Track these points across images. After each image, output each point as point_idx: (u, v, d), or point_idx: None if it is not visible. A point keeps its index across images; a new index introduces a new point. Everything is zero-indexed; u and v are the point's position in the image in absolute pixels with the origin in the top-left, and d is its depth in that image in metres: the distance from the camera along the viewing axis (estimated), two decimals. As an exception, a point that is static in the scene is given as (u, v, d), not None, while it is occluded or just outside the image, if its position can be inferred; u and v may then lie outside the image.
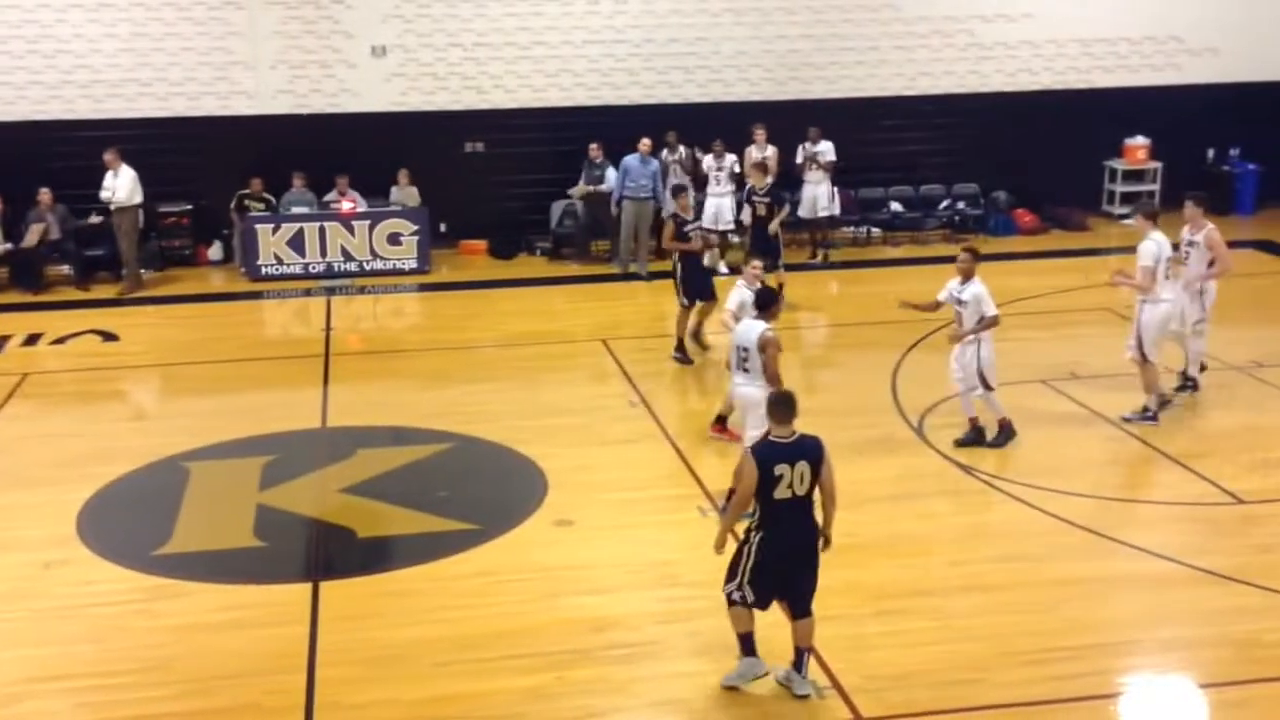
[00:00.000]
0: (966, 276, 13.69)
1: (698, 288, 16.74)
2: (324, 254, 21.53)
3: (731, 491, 10.48)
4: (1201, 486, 12.88)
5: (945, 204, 24.08)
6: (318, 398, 15.88)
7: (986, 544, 11.71)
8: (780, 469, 8.97)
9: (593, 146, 21.96)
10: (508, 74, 22.96)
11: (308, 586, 11.17)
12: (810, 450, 9.13)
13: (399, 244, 21.72)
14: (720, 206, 21.01)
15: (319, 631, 10.38)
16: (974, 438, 13.85)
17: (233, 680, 9.75)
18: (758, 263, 14.18)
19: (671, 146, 21.69)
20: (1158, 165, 24.88)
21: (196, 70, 22.18)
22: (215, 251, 22.68)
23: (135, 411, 16.46)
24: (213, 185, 22.14)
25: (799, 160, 21.87)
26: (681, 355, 16.66)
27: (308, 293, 20.96)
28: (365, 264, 21.65)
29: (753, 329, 12.35)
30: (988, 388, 13.74)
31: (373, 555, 11.84)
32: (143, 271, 21.60)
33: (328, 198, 22.07)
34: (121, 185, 20.60)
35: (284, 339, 19.52)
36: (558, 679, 9.68)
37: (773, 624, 9.62)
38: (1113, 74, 24.68)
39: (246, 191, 21.88)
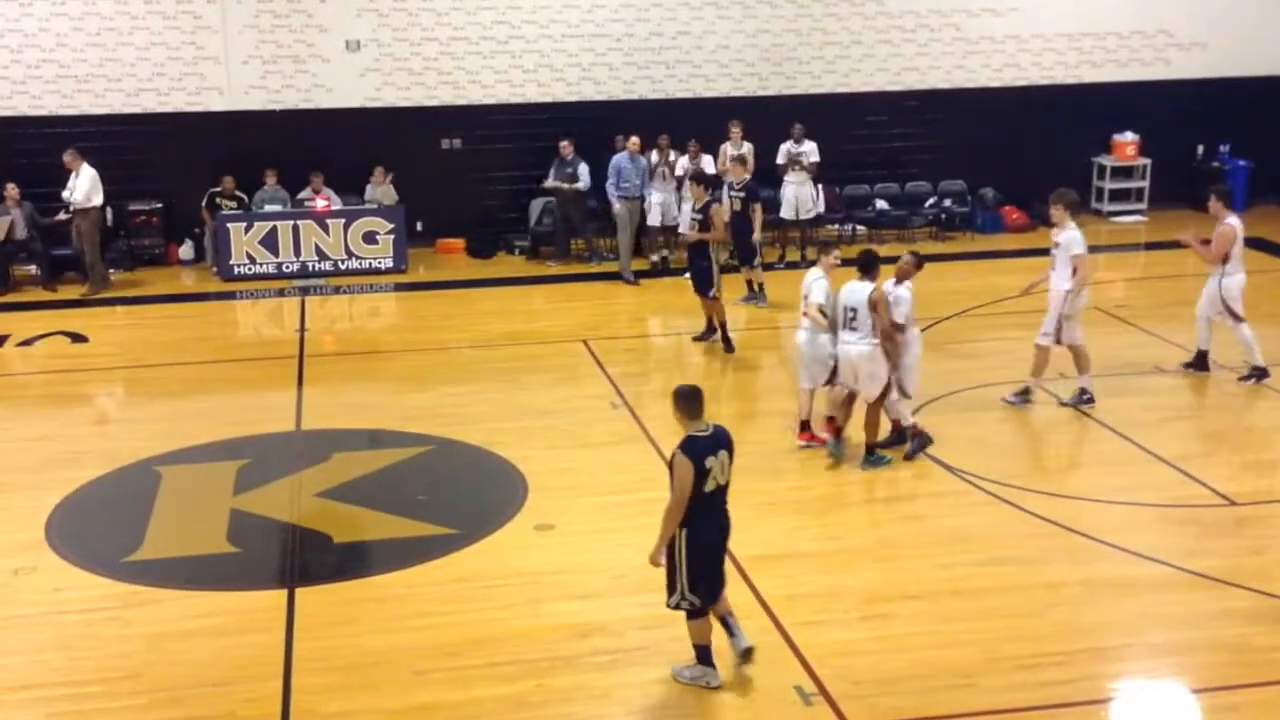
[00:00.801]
0: (902, 277, 13.68)
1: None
2: (298, 253, 21.49)
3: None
4: (1193, 488, 12.93)
5: (931, 201, 24.13)
6: (292, 400, 15.85)
7: (975, 547, 11.74)
8: (710, 462, 9.23)
9: (563, 144, 21.85)
10: (485, 69, 22.96)
11: (283, 593, 11.14)
12: (725, 440, 9.40)
13: (375, 243, 21.70)
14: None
15: (295, 639, 10.35)
16: (894, 440, 13.83)
17: (206, 689, 9.72)
18: (836, 252, 14.24)
19: (663, 150, 21.49)
20: (1147, 162, 24.99)
21: (166, 65, 22.13)
22: (186, 251, 22.62)
23: (105, 414, 16.41)
24: (184, 183, 22.08)
25: (780, 160, 21.84)
26: (728, 343, 17.15)
27: (281, 293, 20.93)
28: (340, 263, 21.62)
29: (861, 290, 13.09)
30: (903, 394, 13.69)
31: (349, 561, 11.83)
32: (111, 271, 21.54)
33: (301, 195, 22.03)
34: (80, 186, 20.45)
35: (257, 340, 19.48)
36: (539, 687, 9.67)
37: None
38: (1101, 69, 24.77)
39: (218, 189, 21.83)
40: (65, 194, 20.54)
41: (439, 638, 10.32)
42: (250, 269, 21.46)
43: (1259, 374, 15.61)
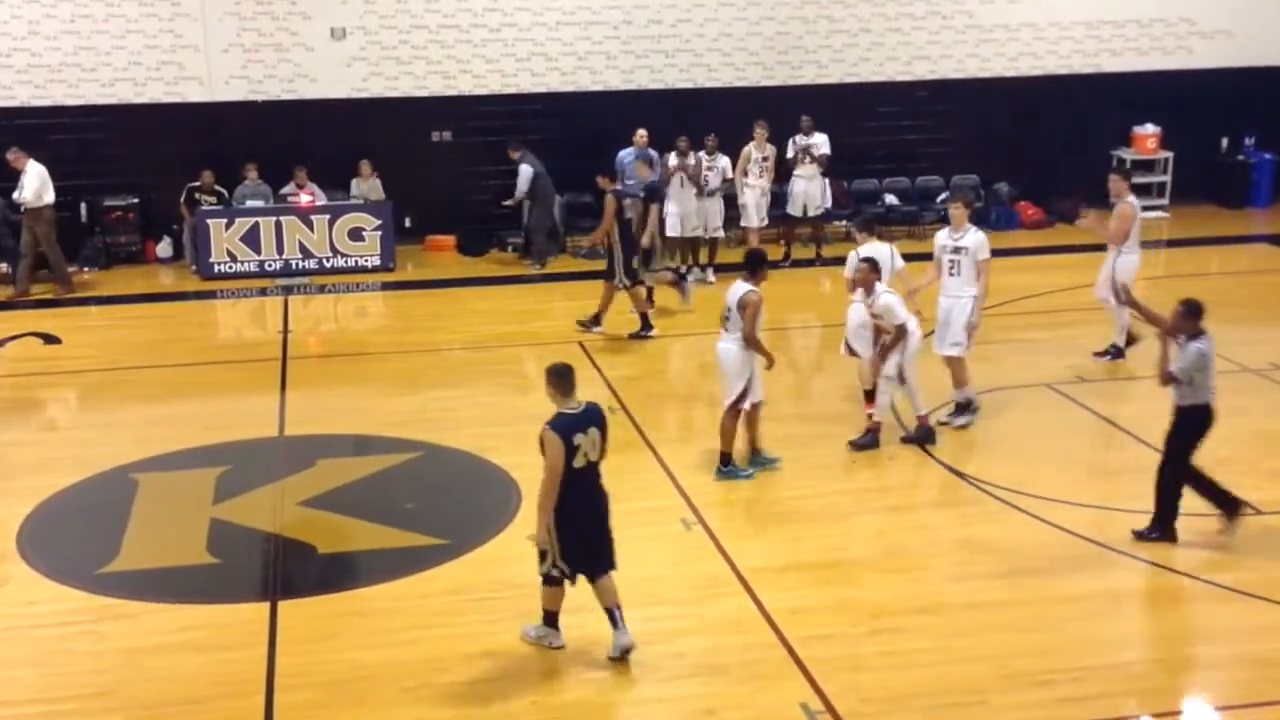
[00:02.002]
0: (863, 285, 13.88)
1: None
2: (280, 251, 21.51)
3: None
4: (1217, 496, 12.94)
5: (943, 197, 24.11)
6: (275, 404, 15.87)
7: (988, 558, 11.75)
8: (578, 439, 9.80)
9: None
10: (476, 58, 22.99)
11: (265, 606, 11.15)
12: (597, 417, 9.99)
13: (361, 240, 21.72)
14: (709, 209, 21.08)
15: (277, 654, 10.36)
16: (924, 435, 14.15)
17: (185, 707, 9.73)
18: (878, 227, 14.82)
19: (682, 152, 20.85)
20: (1168, 155, 25.03)
21: (143, 54, 22.15)
22: (164, 248, 22.65)
23: (79, 419, 16.42)
24: (161, 177, 22.11)
25: (790, 154, 21.84)
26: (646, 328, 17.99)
27: (263, 292, 20.95)
28: (325, 261, 21.65)
29: (739, 289, 13.13)
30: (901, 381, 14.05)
31: (335, 572, 11.84)
32: (86, 270, 21.57)
33: (284, 190, 22.06)
34: (29, 185, 20.32)
35: (238, 341, 19.49)
36: (534, 704, 9.69)
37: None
38: (1120, 58, 24.80)
39: (197, 184, 21.85)
40: (15, 194, 20.47)
41: (428, 653, 10.33)
42: (231, 267, 21.48)
43: (1116, 353, 16.52)
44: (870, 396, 14.29)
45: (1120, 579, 11.40)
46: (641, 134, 20.93)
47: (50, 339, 18.58)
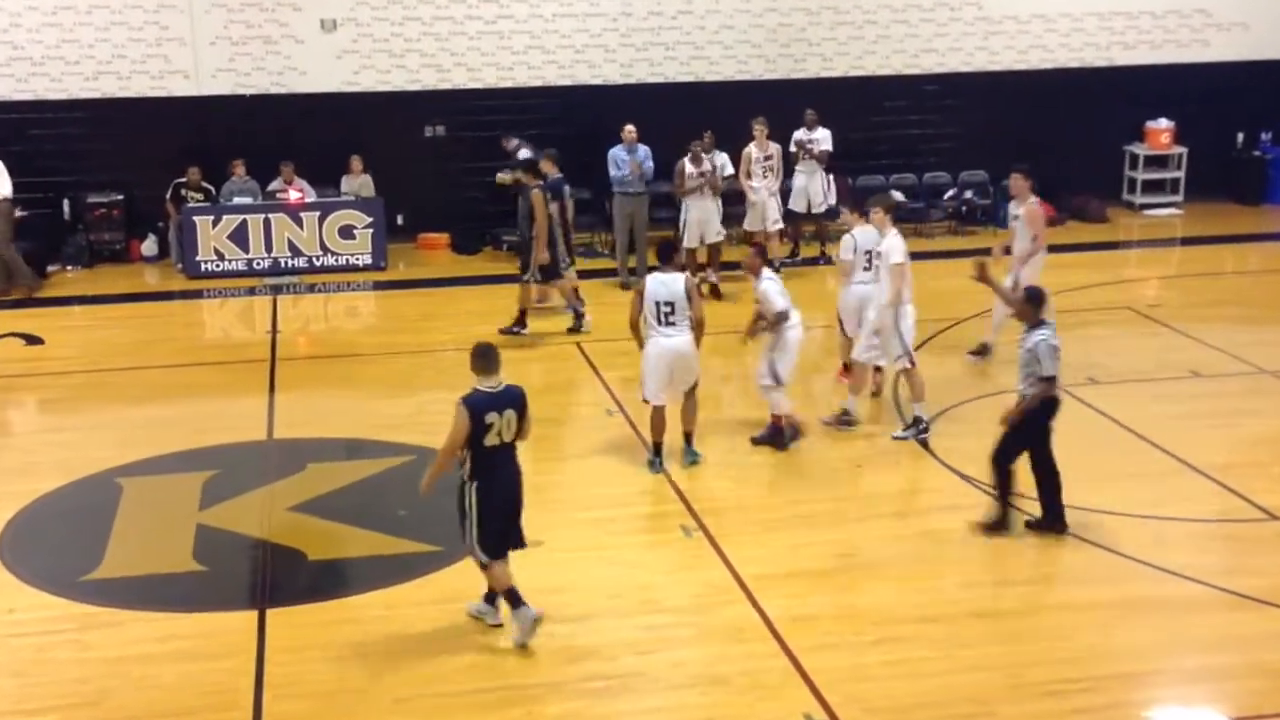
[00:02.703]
0: (752, 270, 14.26)
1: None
2: (269, 249, 21.52)
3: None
4: (1232, 501, 12.98)
5: (951, 193, 24.16)
6: (263, 407, 15.87)
7: (997, 565, 11.77)
8: (490, 417, 10.22)
9: (512, 141, 21.68)
10: (471, 51, 23.00)
11: (253, 614, 11.16)
12: (515, 398, 10.44)
13: (352, 238, 21.73)
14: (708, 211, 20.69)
15: (266, 664, 10.37)
16: (771, 435, 14.32)
17: (171, 718, 9.73)
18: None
19: (702, 152, 20.19)
20: (1183, 150, 25.02)
21: (128, 47, 22.15)
22: (149, 246, 22.64)
23: (62, 422, 16.39)
24: (146, 174, 22.09)
25: (791, 149, 21.79)
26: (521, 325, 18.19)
27: (251, 291, 20.94)
28: (315, 260, 21.65)
29: (674, 281, 13.52)
30: (777, 381, 14.16)
31: (325, 580, 11.85)
32: (69, 269, 21.59)
33: (272, 187, 22.07)
34: None
35: (226, 342, 19.50)
36: (528, 715, 9.69)
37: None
38: (1134, 51, 24.81)
39: (183, 180, 21.84)
40: None
41: (421, 663, 10.34)
42: (218, 266, 21.48)
43: (984, 351, 16.73)
44: (847, 369, 15.39)
45: (1132, 586, 11.41)
46: (629, 129, 20.80)
47: (32, 339, 18.59)
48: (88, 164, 22.02)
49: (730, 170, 20.85)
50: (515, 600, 10.46)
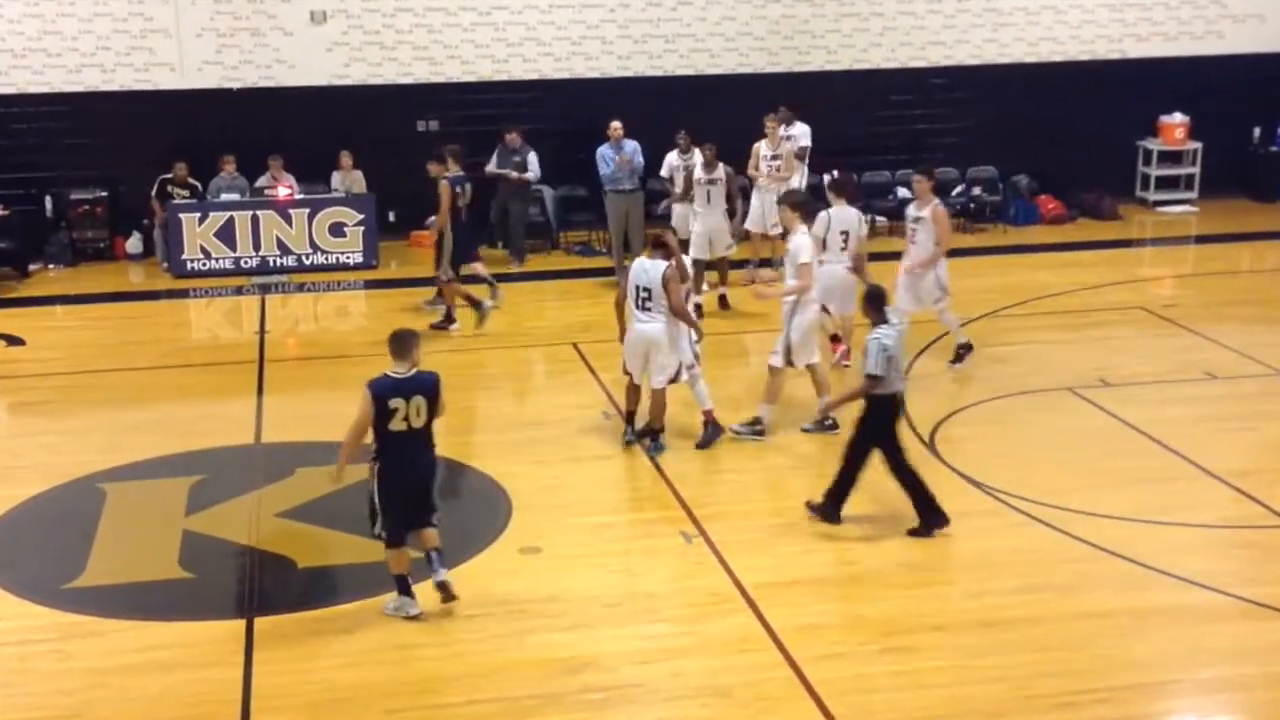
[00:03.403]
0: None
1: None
2: (257, 247, 21.50)
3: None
4: (1251, 507, 12.97)
5: (959, 190, 24.15)
6: (251, 410, 15.86)
7: (1007, 572, 11.75)
8: (395, 402, 10.64)
9: (510, 135, 21.67)
10: (465, 43, 22.99)
11: (241, 623, 11.15)
12: (426, 385, 10.84)
13: (342, 235, 21.72)
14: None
15: (254, 674, 10.36)
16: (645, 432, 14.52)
17: (156, 730, 9.75)
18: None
19: (683, 148, 20.13)
20: (1197, 145, 25.03)
21: (112, 39, 22.14)
22: (134, 244, 22.63)
23: (44, 425, 16.36)
24: (131, 169, 22.10)
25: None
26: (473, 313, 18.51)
27: (239, 291, 20.93)
28: (304, 258, 21.64)
29: (654, 268, 13.91)
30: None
31: (314, 587, 11.84)
32: (51, 268, 21.58)
33: (260, 183, 22.05)
34: None
35: (213, 343, 19.49)
36: (525, 727, 9.70)
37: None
38: (1147, 43, 24.81)
39: (169, 176, 21.83)
40: None
41: (413, 672, 10.34)
42: (205, 264, 21.47)
43: (966, 351, 16.60)
44: (836, 340, 16.32)
45: (1147, 594, 11.40)
46: (615, 126, 20.66)
47: (13, 340, 18.58)
48: (71, 159, 22.00)
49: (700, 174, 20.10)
50: (404, 588, 11.03)
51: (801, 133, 21.11)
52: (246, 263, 21.53)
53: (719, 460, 13.97)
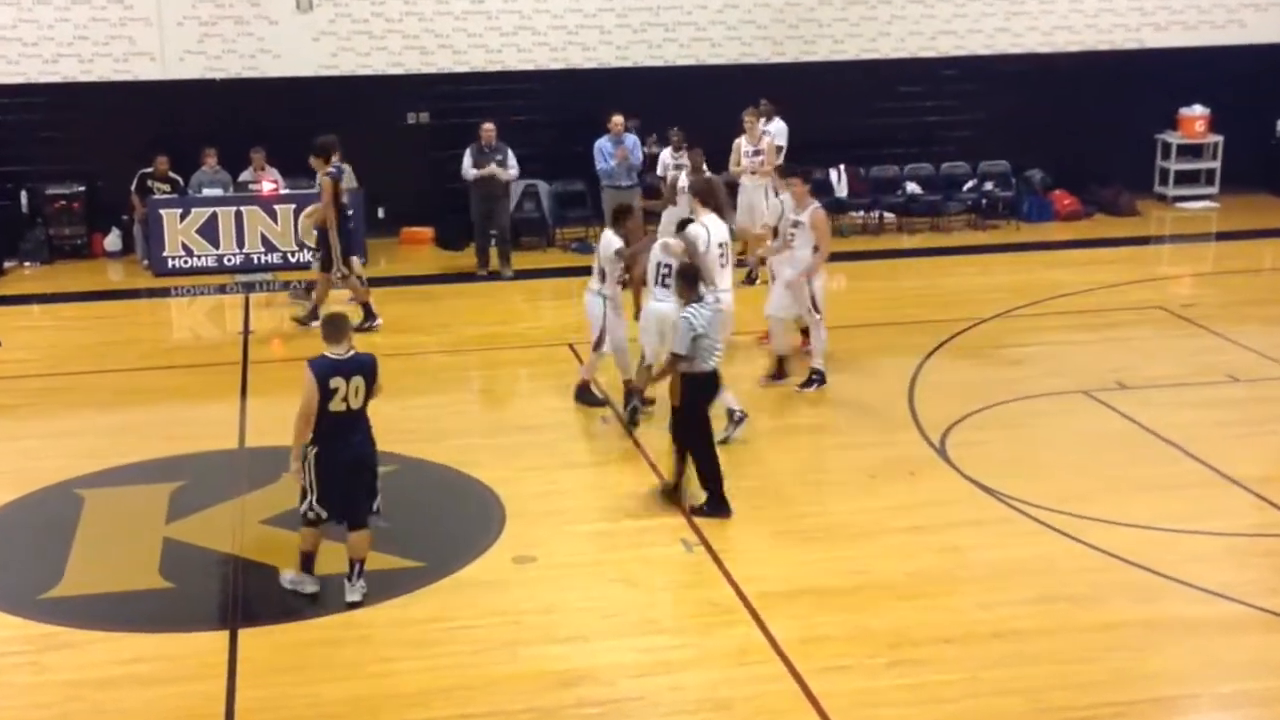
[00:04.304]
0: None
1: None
2: (241, 244, 21.52)
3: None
4: (1272, 515, 12.99)
5: (970, 185, 24.18)
6: (235, 413, 15.87)
7: (1020, 583, 11.76)
8: (336, 382, 11.02)
9: (486, 127, 21.35)
10: (457, 32, 23.01)
11: (224, 635, 11.15)
12: (364, 366, 11.26)
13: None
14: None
15: (237, 688, 10.36)
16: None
17: (135, 746, 9.76)
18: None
19: (676, 146, 20.26)
20: (1218, 139, 25.06)
21: (90, 28, 22.15)
22: (113, 241, 22.66)
23: (19, 430, 16.36)
24: (110, 163, 22.13)
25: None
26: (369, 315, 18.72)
27: (222, 289, 20.95)
28: (290, 256, 21.66)
29: (676, 245, 14.62)
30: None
31: (300, 598, 11.82)
32: (27, 266, 21.59)
33: (244, 177, 22.05)
34: None
35: (195, 344, 19.51)
36: (518, 742, 9.72)
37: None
38: (1166, 32, 24.83)
39: (149, 170, 21.86)
40: None
41: (403, 686, 10.34)
42: (186, 262, 21.49)
43: (820, 379, 16.09)
44: (805, 335, 16.53)
45: (1165, 605, 11.41)
46: (616, 120, 20.69)
47: (-13, 341, 18.63)
48: (47, 153, 22.03)
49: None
50: (307, 566, 11.57)
51: (778, 131, 21.10)
52: (229, 260, 21.55)
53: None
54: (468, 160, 21.35)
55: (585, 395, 15.75)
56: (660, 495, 13.21)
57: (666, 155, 20.26)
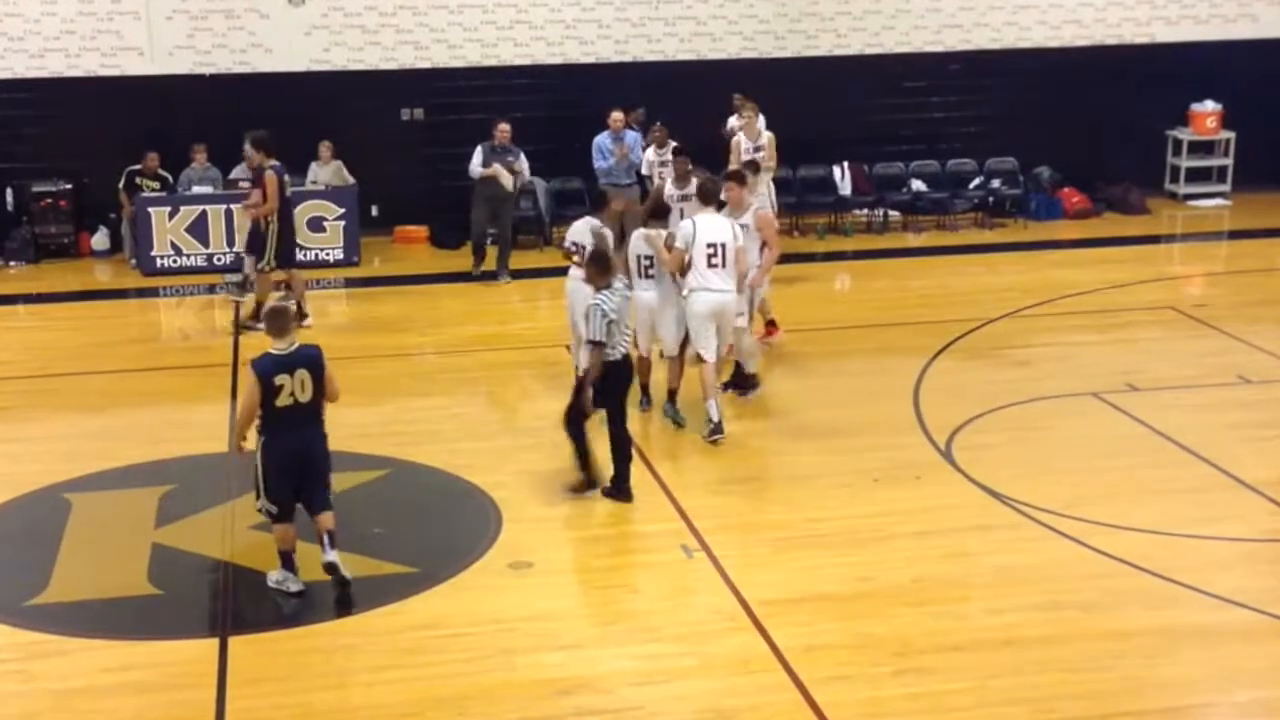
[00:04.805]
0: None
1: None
2: (231, 243, 21.48)
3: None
4: (1285, 519, 12.98)
5: (977, 182, 24.18)
6: (224, 415, 15.82)
7: (1028, 589, 11.75)
8: (281, 379, 11.33)
9: (502, 127, 21.04)
10: (452, 26, 23.00)
11: (214, 642, 11.15)
12: (309, 358, 11.54)
13: (322, 230, 21.72)
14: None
15: (227, 696, 10.35)
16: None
17: (123, 756, 9.76)
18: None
19: (659, 143, 20.16)
20: (1230, 135, 25.05)
21: (77, 21, 22.14)
22: (100, 240, 22.64)
23: (5, 433, 16.35)
24: (97, 160, 22.10)
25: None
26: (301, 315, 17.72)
27: (212, 289, 20.94)
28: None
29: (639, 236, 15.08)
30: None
31: (292, 604, 11.82)
32: (12, 265, 21.58)
33: (235, 175, 22.02)
34: None
35: (184, 345, 19.47)
36: (515, 753, 9.71)
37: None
38: (1176, 27, 24.82)
39: (138, 168, 21.84)
40: None
41: (396, 695, 10.32)
42: (175, 261, 21.48)
43: (752, 384, 15.97)
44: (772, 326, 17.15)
45: (1177, 612, 11.41)
46: (616, 115, 20.65)
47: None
48: (33, 150, 22.00)
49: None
50: (288, 563, 11.70)
51: (734, 128, 20.83)
52: (220, 259, 21.52)
53: (722, 470, 13.97)
54: (477, 158, 21.09)
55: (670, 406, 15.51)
56: (605, 495, 13.36)
57: (651, 154, 20.22)
